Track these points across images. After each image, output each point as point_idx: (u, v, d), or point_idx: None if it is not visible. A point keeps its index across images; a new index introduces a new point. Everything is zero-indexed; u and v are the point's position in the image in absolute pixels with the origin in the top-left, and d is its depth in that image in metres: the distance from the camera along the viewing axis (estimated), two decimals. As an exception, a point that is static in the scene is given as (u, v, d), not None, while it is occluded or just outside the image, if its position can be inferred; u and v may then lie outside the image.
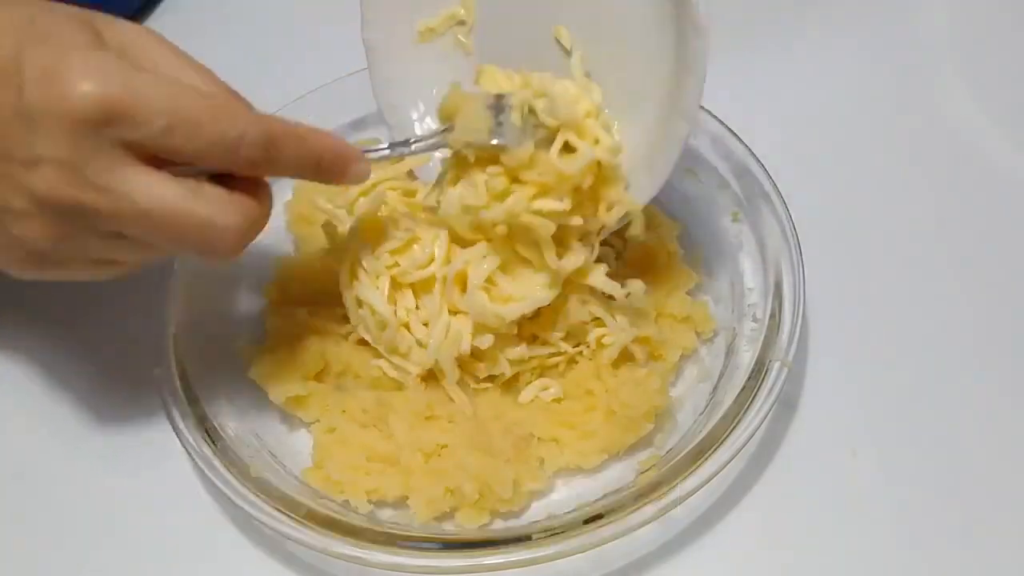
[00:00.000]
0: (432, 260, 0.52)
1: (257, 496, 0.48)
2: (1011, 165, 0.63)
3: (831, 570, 0.49)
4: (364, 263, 0.53)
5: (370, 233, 0.54)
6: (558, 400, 0.54)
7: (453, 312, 0.52)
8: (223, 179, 0.43)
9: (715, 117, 0.59)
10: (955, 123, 0.65)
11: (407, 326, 0.53)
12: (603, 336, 0.53)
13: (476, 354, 0.53)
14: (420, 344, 0.53)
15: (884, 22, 0.71)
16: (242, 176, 0.43)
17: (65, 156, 0.39)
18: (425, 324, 0.53)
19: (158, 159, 0.41)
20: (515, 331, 0.53)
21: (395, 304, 0.53)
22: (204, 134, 0.41)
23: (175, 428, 0.50)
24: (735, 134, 0.58)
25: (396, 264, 0.53)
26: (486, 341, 0.52)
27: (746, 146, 0.58)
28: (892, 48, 0.69)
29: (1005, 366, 0.55)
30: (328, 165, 0.46)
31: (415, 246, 0.53)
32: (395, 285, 0.53)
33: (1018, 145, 0.64)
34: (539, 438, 0.52)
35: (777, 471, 0.52)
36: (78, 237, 0.42)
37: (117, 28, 0.43)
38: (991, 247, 0.60)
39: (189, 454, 0.50)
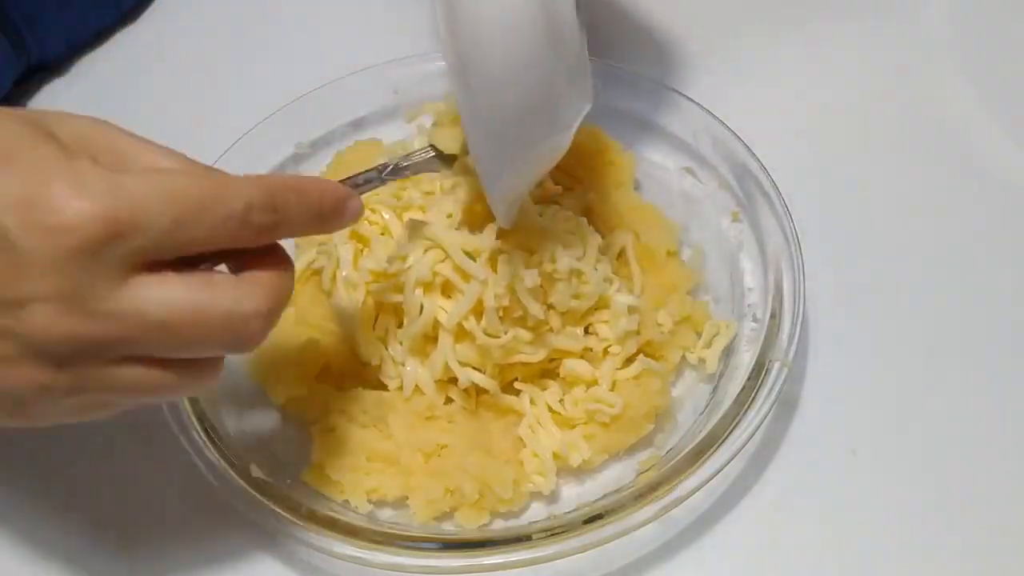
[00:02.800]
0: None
1: (257, 496, 0.48)
2: (1011, 165, 0.63)
3: (831, 570, 0.49)
4: (344, 272, 0.53)
5: (354, 242, 0.54)
6: (559, 400, 0.54)
7: (434, 337, 0.52)
8: (230, 261, 0.39)
9: (715, 117, 0.59)
10: (955, 123, 0.65)
11: (383, 340, 0.53)
12: (608, 346, 0.53)
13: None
14: (395, 362, 0.53)
15: (884, 22, 0.71)
16: (253, 250, 0.39)
17: (62, 290, 0.34)
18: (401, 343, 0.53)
19: (158, 262, 0.36)
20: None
21: (375, 318, 0.53)
22: (211, 216, 0.36)
23: (175, 428, 0.50)
24: (735, 134, 0.58)
25: (375, 280, 0.53)
26: (464, 379, 0.51)
27: (746, 146, 0.57)
28: (892, 48, 0.69)
29: (1005, 366, 0.55)
30: (329, 211, 0.42)
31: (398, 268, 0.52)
32: (378, 306, 0.53)
33: (1019, 144, 0.64)
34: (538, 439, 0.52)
35: (777, 471, 0.52)
36: (78, 376, 0.37)
37: (69, 126, 0.38)
38: (991, 246, 0.60)
39: (189, 454, 0.49)
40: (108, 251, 0.34)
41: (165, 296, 0.36)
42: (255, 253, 0.39)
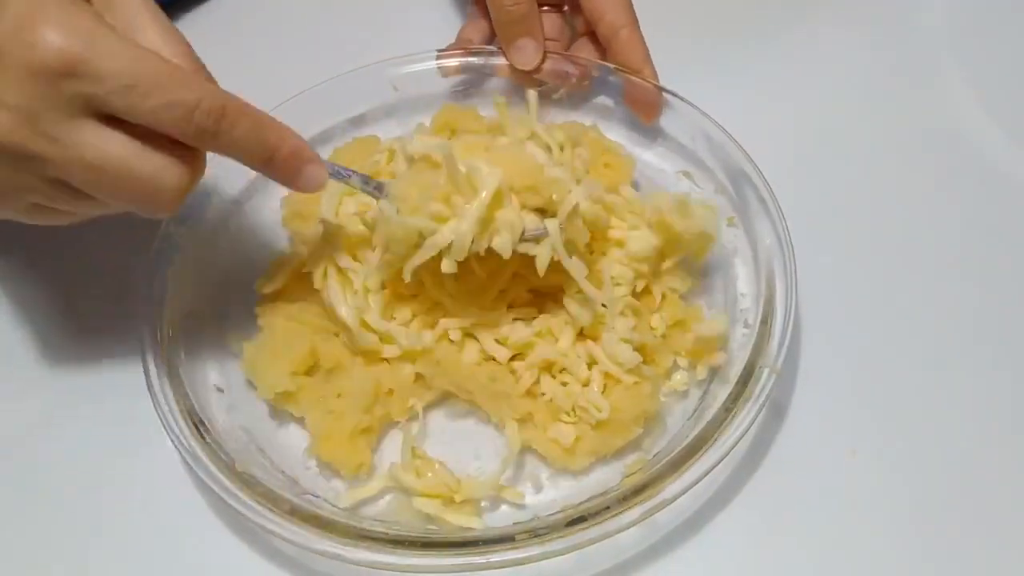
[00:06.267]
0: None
1: (241, 491, 0.48)
2: (1011, 166, 0.63)
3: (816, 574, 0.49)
4: (339, 263, 0.54)
5: (347, 236, 0.54)
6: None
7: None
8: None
9: (712, 120, 0.59)
10: (954, 124, 0.65)
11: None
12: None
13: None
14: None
15: (883, 23, 0.70)
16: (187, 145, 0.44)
17: (23, 102, 0.41)
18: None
19: (115, 118, 0.42)
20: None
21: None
22: (160, 95, 0.42)
23: (164, 422, 0.50)
24: (732, 138, 0.58)
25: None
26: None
27: (743, 150, 0.57)
28: (892, 49, 0.69)
29: (1002, 370, 0.55)
30: (282, 161, 0.47)
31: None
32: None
33: (1018, 145, 0.64)
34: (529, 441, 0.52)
35: (766, 476, 0.52)
36: (22, 179, 0.43)
37: None
38: (989, 249, 0.60)
39: (177, 448, 0.50)
40: (65, 84, 0.40)
41: (104, 144, 0.42)
42: (183, 147, 0.44)
